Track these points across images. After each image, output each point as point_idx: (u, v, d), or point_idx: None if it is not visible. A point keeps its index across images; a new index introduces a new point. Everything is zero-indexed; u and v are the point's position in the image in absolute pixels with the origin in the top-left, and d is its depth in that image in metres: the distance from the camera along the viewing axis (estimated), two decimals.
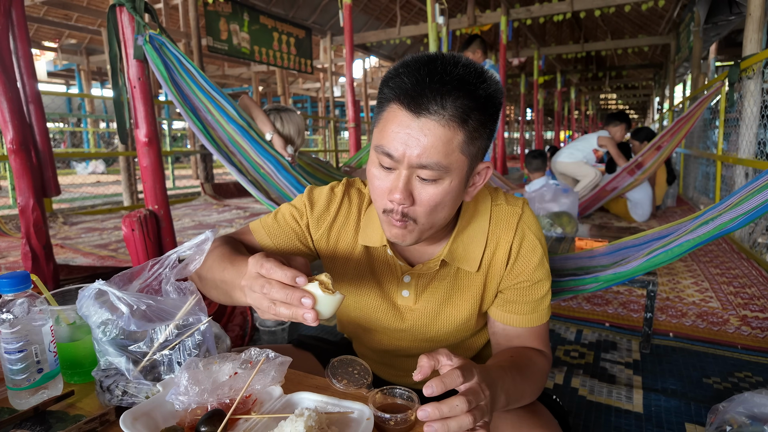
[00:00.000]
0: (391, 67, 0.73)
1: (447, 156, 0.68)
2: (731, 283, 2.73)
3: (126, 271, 0.89)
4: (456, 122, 0.67)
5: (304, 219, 0.90)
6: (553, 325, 2.18)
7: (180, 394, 0.67)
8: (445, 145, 0.67)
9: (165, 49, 1.80)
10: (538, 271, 0.84)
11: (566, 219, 2.93)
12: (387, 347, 0.95)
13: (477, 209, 0.85)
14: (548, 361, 0.84)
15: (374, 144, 0.73)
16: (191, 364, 0.72)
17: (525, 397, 0.74)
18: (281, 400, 0.73)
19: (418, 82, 0.66)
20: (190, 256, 0.87)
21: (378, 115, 0.74)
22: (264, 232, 0.90)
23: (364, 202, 0.91)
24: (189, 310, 0.77)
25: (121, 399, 0.73)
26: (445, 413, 0.55)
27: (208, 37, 6.76)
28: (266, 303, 0.63)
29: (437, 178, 0.69)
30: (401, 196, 0.69)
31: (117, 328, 0.74)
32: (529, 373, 0.76)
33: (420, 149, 0.67)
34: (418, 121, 0.67)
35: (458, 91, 0.66)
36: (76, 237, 4.21)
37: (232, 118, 1.77)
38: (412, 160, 0.68)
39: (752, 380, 1.66)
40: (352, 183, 0.94)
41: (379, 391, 0.74)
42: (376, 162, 0.73)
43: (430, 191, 0.70)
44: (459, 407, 0.55)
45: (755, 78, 3.52)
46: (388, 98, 0.70)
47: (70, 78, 14.87)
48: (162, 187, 2.02)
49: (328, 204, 0.90)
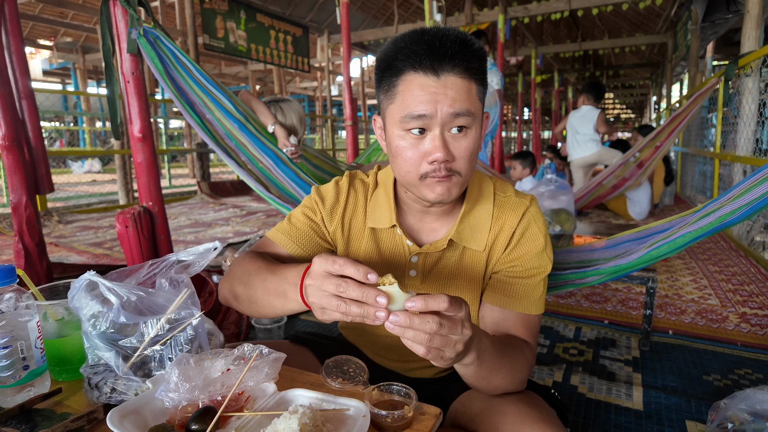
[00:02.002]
0: (387, 47, 0.77)
1: (473, 103, 0.75)
2: (730, 281, 2.72)
3: (124, 268, 0.87)
4: (467, 74, 0.74)
5: (318, 215, 0.93)
6: (552, 323, 2.16)
7: (170, 390, 0.65)
8: (468, 93, 0.74)
9: (160, 43, 1.77)
10: (534, 261, 0.86)
11: (564, 216, 2.92)
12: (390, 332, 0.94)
13: (481, 192, 0.90)
14: (532, 353, 0.84)
15: (398, 116, 0.76)
16: (182, 360, 0.70)
17: (498, 373, 0.73)
18: (275, 397, 0.71)
19: (430, 47, 0.72)
20: (191, 261, 0.85)
21: (389, 92, 0.77)
22: (286, 238, 0.92)
23: (368, 189, 0.95)
24: (181, 304, 0.75)
25: (110, 396, 0.71)
26: (415, 324, 0.56)
27: (204, 35, 6.72)
28: (335, 302, 0.61)
29: (468, 125, 0.75)
30: (443, 154, 0.74)
31: (107, 321, 0.72)
32: (510, 353, 0.76)
33: (450, 101, 0.73)
34: (439, 80, 0.73)
35: (463, 48, 0.73)
36: (70, 235, 4.17)
37: (230, 113, 1.74)
38: (445, 113, 0.73)
39: (752, 377, 1.65)
40: (354, 175, 0.98)
41: (376, 387, 0.72)
42: (402, 134, 0.77)
43: (464, 143, 0.76)
44: (429, 325, 0.56)
45: (753, 75, 3.51)
46: (400, 70, 0.74)
47: (66, 77, 14.78)
48: (156, 184, 1.99)
49: (337, 196, 0.93)
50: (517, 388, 0.78)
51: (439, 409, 0.70)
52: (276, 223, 4.71)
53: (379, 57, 0.79)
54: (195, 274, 1.97)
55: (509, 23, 7.56)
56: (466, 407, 0.84)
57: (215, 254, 0.80)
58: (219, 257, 3.13)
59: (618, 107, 28.33)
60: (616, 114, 31.91)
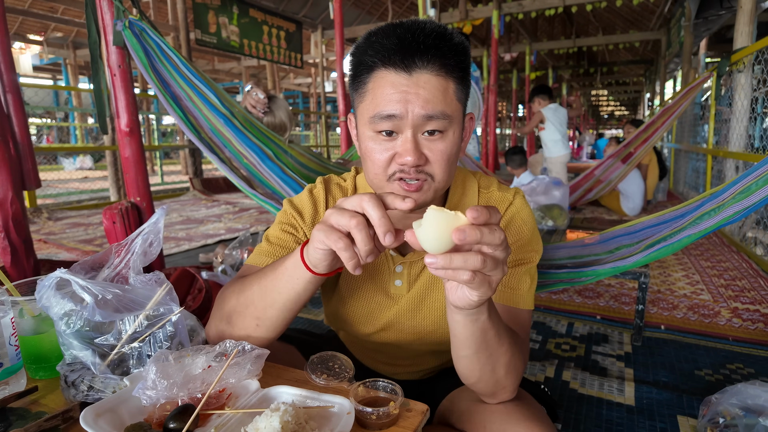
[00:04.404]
0: (359, 41, 0.72)
1: (448, 105, 0.68)
2: (722, 276, 2.73)
3: (89, 258, 0.85)
4: (444, 71, 0.68)
5: (300, 231, 0.86)
6: (544, 318, 2.16)
7: (147, 388, 0.63)
8: (443, 93, 0.68)
9: (145, 35, 1.74)
10: (518, 252, 0.82)
11: (557, 211, 2.91)
12: (378, 338, 0.92)
13: (465, 192, 0.85)
14: (526, 346, 0.80)
15: (367, 116, 0.70)
16: (161, 356, 0.68)
17: (501, 344, 0.67)
18: (258, 395, 0.69)
19: (401, 41, 0.66)
20: (147, 237, 0.83)
21: (360, 89, 0.72)
22: (270, 258, 0.83)
23: (347, 193, 0.89)
24: (160, 300, 0.73)
25: (87, 395, 0.69)
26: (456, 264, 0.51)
27: (196, 30, 6.66)
28: (345, 220, 0.57)
29: (443, 129, 0.69)
30: (413, 157, 0.67)
31: (82, 319, 0.70)
32: (509, 331, 0.71)
33: (423, 101, 0.66)
34: (411, 77, 0.66)
35: (439, 42, 0.67)
36: (60, 232, 4.12)
37: (215, 107, 1.72)
38: (417, 114, 0.67)
39: (744, 372, 1.65)
40: (329, 180, 0.91)
41: (361, 384, 0.70)
42: (372, 134, 0.71)
43: (439, 146, 0.69)
44: (473, 260, 0.50)
45: (746, 71, 3.51)
46: (371, 66, 0.69)
47: (56, 72, 14.62)
48: (144, 179, 1.96)
49: (314, 206, 0.87)
50: (514, 381, 0.72)
51: (426, 406, 0.68)
52: (269, 219, 4.68)
53: (351, 51, 0.73)
54: (183, 271, 1.92)
55: (503, 19, 7.54)
56: (455, 405, 0.83)
57: (162, 222, 0.77)
58: (210, 254, 3.10)
59: (612, 104, 28.42)
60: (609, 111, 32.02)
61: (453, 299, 0.59)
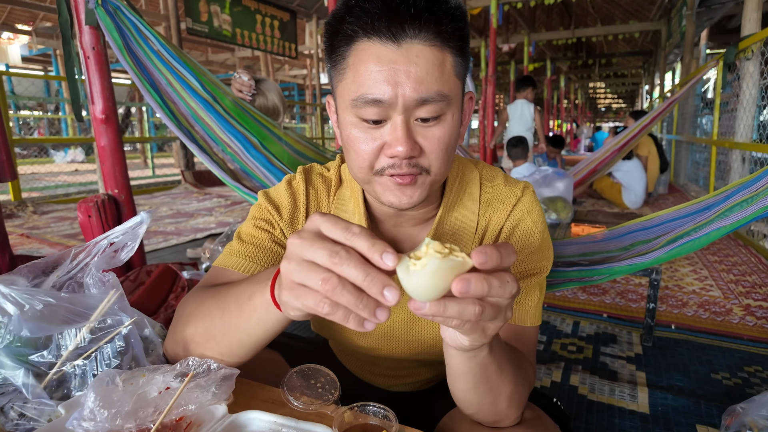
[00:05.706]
0: (337, 6, 0.58)
1: (446, 82, 0.56)
2: (731, 271, 2.63)
3: (40, 260, 0.73)
4: (440, 40, 0.55)
5: (276, 228, 0.74)
6: (548, 317, 2.05)
7: (84, 419, 0.51)
8: (440, 69, 0.55)
9: (120, 14, 1.61)
10: (526, 262, 0.70)
11: (561, 204, 2.80)
12: (372, 350, 0.81)
13: (464, 185, 0.73)
14: (533, 368, 0.70)
15: (349, 98, 0.58)
16: (104, 378, 0.56)
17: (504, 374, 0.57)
18: (224, 421, 0.57)
19: (387, 5, 0.53)
20: (121, 241, 0.72)
21: (338, 65, 0.59)
22: (242, 260, 0.71)
23: (331, 185, 0.77)
24: (107, 310, 0.61)
25: (17, 424, 0.57)
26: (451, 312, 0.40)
27: (187, 19, 6.48)
28: (321, 275, 0.40)
29: (440, 113, 0.57)
30: (406, 147, 0.56)
31: (11, 333, 0.58)
32: (513, 354, 0.62)
33: (414, 81, 0.54)
34: (400, 49, 0.54)
35: (432, 5, 0.54)
36: (45, 226, 3.99)
37: (196, 92, 1.59)
38: (409, 97, 0.55)
39: (763, 375, 1.55)
40: (309, 170, 0.78)
41: (349, 409, 0.58)
42: (355, 121, 0.59)
43: (436, 133, 0.58)
44: (470, 309, 0.40)
45: (754, 59, 3.40)
46: (351, 36, 0.56)
47: (47, 63, 14.37)
48: (122, 169, 1.84)
49: (293, 200, 0.75)
50: (517, 410, 0.63)
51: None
52: None
53: (327, 20, 0.60)
54: (165, 268, 1.79)
55: (502, 9, 7.40)
56: (456, 423, 0.72)
57: (144, 228, 0.66)
58: (198, 249, 2.98)
59: (609, 97, 28.30)
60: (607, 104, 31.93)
61: (443, 335, 0.49)
